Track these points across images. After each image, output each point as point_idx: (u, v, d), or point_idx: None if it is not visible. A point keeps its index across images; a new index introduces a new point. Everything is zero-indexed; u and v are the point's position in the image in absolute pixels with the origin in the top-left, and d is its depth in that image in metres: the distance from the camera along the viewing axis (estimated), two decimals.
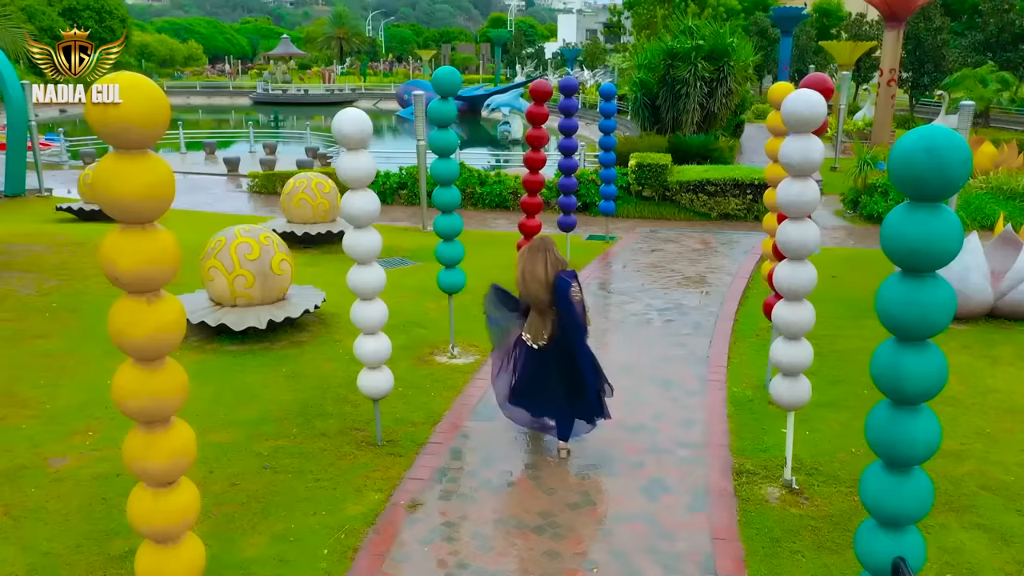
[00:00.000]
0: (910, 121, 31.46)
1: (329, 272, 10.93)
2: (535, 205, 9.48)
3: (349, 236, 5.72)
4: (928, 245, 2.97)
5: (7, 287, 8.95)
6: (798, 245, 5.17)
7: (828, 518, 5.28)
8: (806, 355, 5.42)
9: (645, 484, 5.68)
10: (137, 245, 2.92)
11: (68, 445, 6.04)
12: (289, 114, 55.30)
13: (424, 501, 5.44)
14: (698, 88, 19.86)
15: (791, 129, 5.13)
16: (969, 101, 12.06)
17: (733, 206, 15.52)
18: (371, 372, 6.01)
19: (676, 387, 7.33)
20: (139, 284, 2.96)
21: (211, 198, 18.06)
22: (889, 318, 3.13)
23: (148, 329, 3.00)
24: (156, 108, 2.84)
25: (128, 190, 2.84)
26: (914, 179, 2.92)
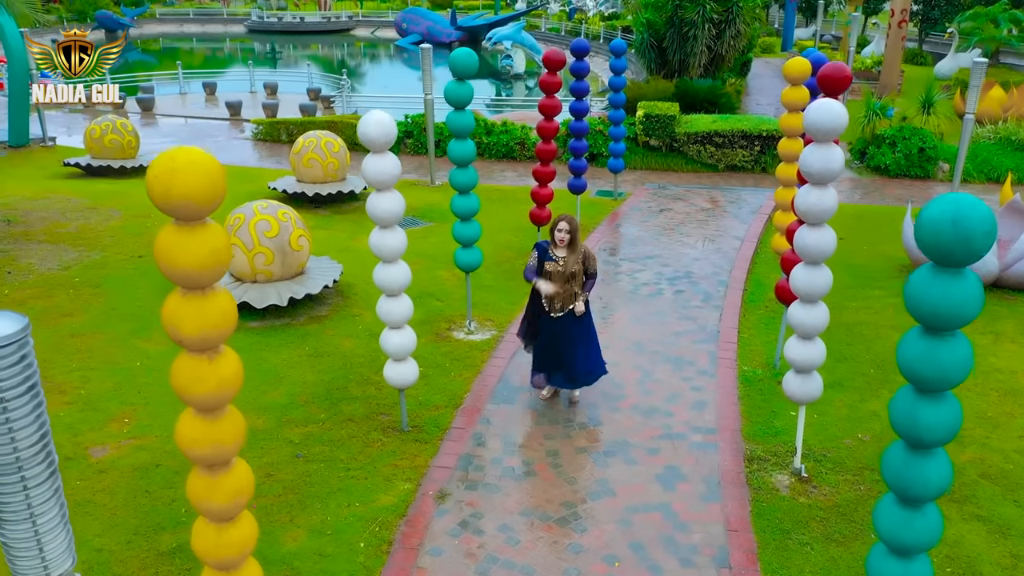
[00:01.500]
0: (919, 56, 30.99)
1: (341, 236, 11.05)
2: (547, 190, 9.57)
3: (375, 236, 5.82)
4: (950, 309, 3.12)
5: (29, 260, 9.09)
6: (815, 251, 5.31)
7: (835, 508, 5.57)
8: (819, 354, 5.61)
9: (661, 472, 5.96)
10: (199, 310, 3.07)
11: (106, 433, 6.28)
12: (285, 43, 54.26)
13: (451, 491, 5.71)
14: (706, 30, 19.54)
15: (813, 138, 5.20)
16: (982, 59, 11.95)
17: (740, 158, 15.51)
18: (397, 364, 6.21)
19: (688, 366, 7.55)
20: (202, 345, 3.12)
21: (215, 146, 17.96)
22: (910, 372, 3.30)
23: (210, 386, 3.17)
24: (214, 183, 2.94)
25: (190, 261, 2.97)
26: (940, 248, 3.06)
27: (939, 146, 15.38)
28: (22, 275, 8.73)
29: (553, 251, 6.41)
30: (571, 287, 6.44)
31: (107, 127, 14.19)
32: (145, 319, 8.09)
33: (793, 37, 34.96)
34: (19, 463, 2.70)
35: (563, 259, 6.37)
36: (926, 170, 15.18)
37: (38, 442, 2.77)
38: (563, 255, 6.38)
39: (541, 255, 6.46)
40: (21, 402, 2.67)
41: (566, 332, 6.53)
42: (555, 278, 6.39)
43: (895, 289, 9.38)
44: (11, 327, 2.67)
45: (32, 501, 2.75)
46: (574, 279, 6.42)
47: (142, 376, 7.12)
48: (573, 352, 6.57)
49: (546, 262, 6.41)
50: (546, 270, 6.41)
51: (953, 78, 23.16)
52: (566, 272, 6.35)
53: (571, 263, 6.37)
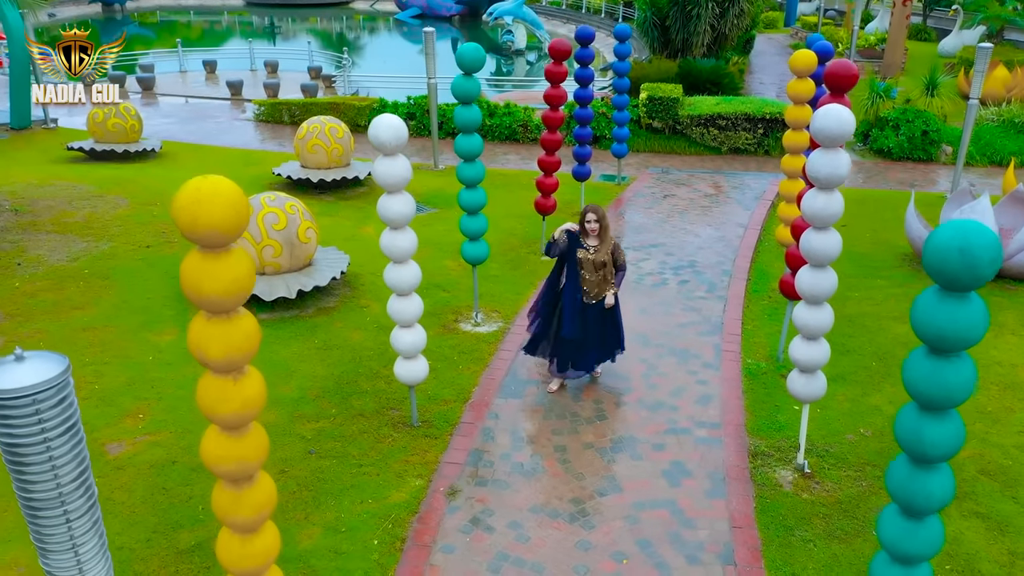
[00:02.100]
0: (923, 32, 30.78)
1: (347, 224, 11.10)
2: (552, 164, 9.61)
3: (386, 237, 5.89)
4: (956, 332, 3.20)
5: (38, 252, 9.15)
6: (821, 254, 5.38)
7: (838, 504, 5.70)
8: (823, 354, 5.71)
9: (667, 468, 6.09)
10: (224, 333, 3.15)
11: (121, 429, 6.39)
12: (283, 16, 53.77)
13: (461, 488, 5.84)
14: (709, 9, 19.44)
15: (820, 143, 5.25)
16: (987, 44, 11.92)
17: (743, 140, 15.51)
18: (407, 361, 6.31)
19: (693, 359, 7.66)
20: (228, 367, 3.21)
21: (217, 128, 17.94)
22: (915, 390, 3.39)
23: (235, 406, 3.26)
24: (238, 213, 3.01)
25: (216, 288, 3.05)
26: (947, 274, 3.13)
27: (942, 128, 15.38)
28: (32, 267, 8.80)
29: (584, 240, 6.69)
30: (602, 275, 6.74)
31: (110, 111, 14.16)
32: (155, 312, 8.17)
33: (796, 12, 34.68)
34: (61, 497, 2.79)
35: (594, 247, 6.67)
36: (929, 153, 15.19)
37: (78, 477, 2.87)
38: (594, 244, 6.68)
39: (572, 242, 6.72)
40: (62, 440, 2.76)
41: (594, 321, 6.82)
42: (586, 266, 6.69)
43: (898, 279, 9.46)
44: (53, 370, 2.74)
45: (74, 533, 2.85)
46: (604, 268, 6.72)
47: (155, 370, 7.22)
48: (596, 339, 6.88)
49: (578, 249, 6.69)
50: (577, 257, 6.70)
51: (957, 56, 23.04)
52: (596, 260, 6.66)
53: (602, 252, 6.69)
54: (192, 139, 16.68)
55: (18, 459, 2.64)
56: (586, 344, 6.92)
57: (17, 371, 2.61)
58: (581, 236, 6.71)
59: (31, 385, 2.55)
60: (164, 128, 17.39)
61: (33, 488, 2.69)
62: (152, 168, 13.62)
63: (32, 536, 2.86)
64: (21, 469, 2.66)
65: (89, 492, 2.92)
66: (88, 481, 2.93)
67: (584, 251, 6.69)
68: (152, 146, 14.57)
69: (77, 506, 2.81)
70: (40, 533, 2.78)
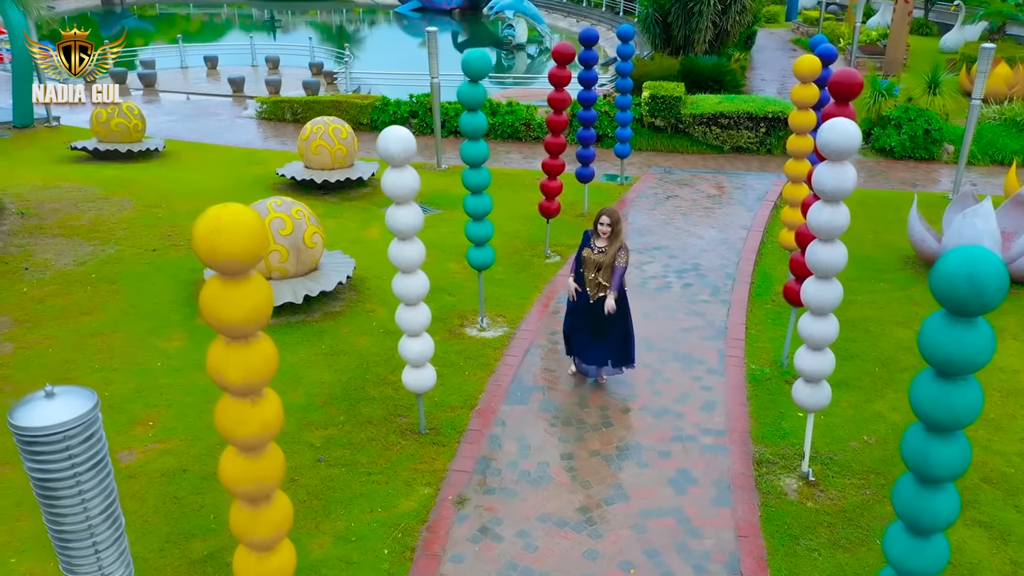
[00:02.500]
0: (924, 26, 30.72)
1: (351, 226, 11.13)
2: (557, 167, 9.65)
3: (394, 248, 5.93)
4: (963, 356, 3.26)
5: (45, 256, 9.19)
6: (827, 266, 5.44)
7: (842, 513, 5.76)
8: (829, 364, 5.76)
9: (673, 475, 6.15)
10: (243, 358, 3.20)
11: (131, 437, 6.45)
12: (283, 8, 53.66)
13: (470, 496, 5.90)
14: (711, 6, 19.41)
15: (826, 157, 5.29)
16: (990, 45, 11.94)
17: (746, 139, 15.53)
18: (415, 369, 6.36)
19: (697, 364, 7.71)
20: (246, 391, 3.26)
21: (219, 125, 17.95)
22: (922, 412, 3.45)
23: (253, 428, 3.31)
24: (257, 241, 3.06)
25: (235, 315, 3.10)
26: (954, 300, 3.18)
27: (944, 127, 15.40)
28: (40, 271, 8.84)
29: (594, 240, 6.89)
30: (601, 276, 6.90)
31: (113, 110, 14.17)
32: (163, 317, 8.22)
33: (798, 6, 34.62)
34: (90, 529, 2.85)
35: (600, 249, 6.85)
36: (931, 152, 15.22)
37: (106, 509, 2.92)
38: (601, 245, 6.85)
39: (584, 241, 6.94)
40: (91, 475, 2.81)
41: (597, 318, 6.98)
42: (587, 265, 6.90)
43: (900, 282, 9.51)
44: (82, 406, 2.79)
45: (103, 563, 2.91)
46: (603, 270, 6.87)
47: (163, 377, 7.27)
48: (601, 337, 7.03)
49: (585, 247, 6.92)
50: (582, 255, 6.92)
51: (959, 52, 23.03)
52: (598, 261, 6.84)
53: (608, 255, 6.83)
54: (195, 137, 16.69)
55: (49, 494, 2.70)
56: (590, 339, 7.11)
57: (48, 408, 2.66)
58: (592, 236, 6.91)
59: (62, 423, 2.61)
60: (167, 126, 17.39)
61: (63, 521, 2.75)
62: (156, 168, 13.64)
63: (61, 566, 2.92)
64: (52, 503, 2.72)
65: (117, 523, 2.98)
66: (116, 512, 2.99)
67: (589, 250, 6.92)
68: (155, 145, 14.59)
69: (105, 537, 2.87)
70: (69, 563, 2.84)
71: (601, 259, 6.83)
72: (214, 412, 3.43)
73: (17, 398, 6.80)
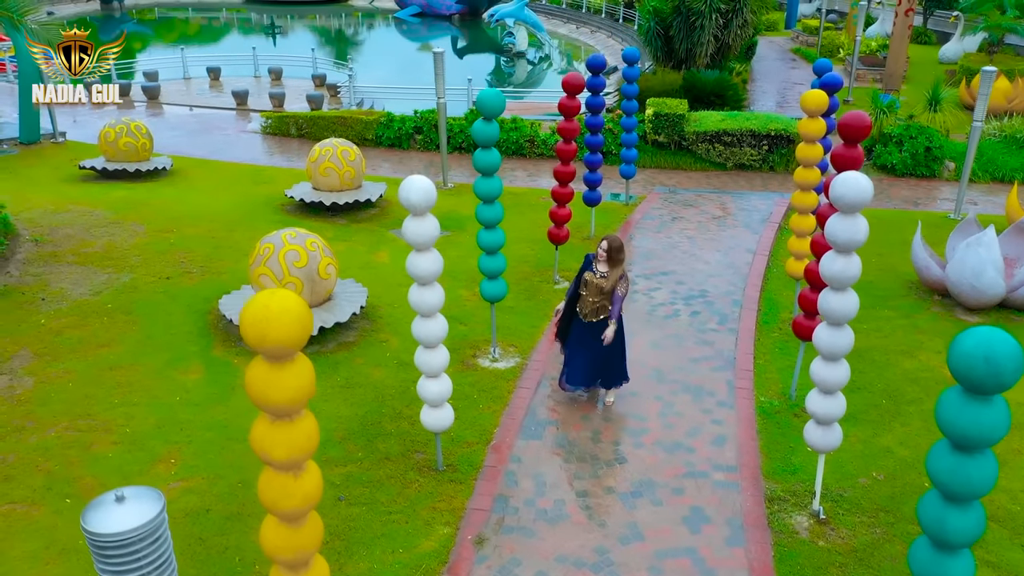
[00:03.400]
0: (923, 35, 30.89)
1: (361, 250, 11.24)
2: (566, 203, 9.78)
3: (414, 293, 6.05)
4: (979, 432, 3.39)
5: (61, 285, 9.29)
6: (840, 315, 5.57)
7: (853, 552, 5.89)
8: (840, 407, 5.90)
9: (687, 514, 6.28)
10: (287, 436, 3.32)
11: (154, 476, 6.56)
12: (282, 13, 53.74)
13: (488, 536, 6.02)
14: (713, 20, 19.54)
15: (839, 209, 5.41)
16: (991, 68, 12.08)
17: (748, 156, 15.67)
18: (434, 409, 6.48)
19: (707, 396, 7.84)
20: (290, 466, 3.38)
21: (224, 141, 18.04)
22: (939, 482, 3.58)
23: (296, 501, 3.43)
24: (304, 327, 3.18)
25: (281, 397, 3.21)
26: (972, 380, 3.31)
27: (945, 145, 15.55)
28: (56, 302, 8.94)
29: (596, 264, 7.15)
30: (601, 301, 7.16)
31: (121, 129, 14.27)
32: (180, 348, 8.33)
33: (797, 14, 34.78)
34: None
35: (603, 273, 7.10)
36: (932, 169, 15.37)
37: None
38: (604, 270, 7.13)
39: (586, 264, 7.28)
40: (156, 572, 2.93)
41: (593, 338, 7.24)
42: (589, 288, 7.16)
43: (905, 310, 9.64)
44: (150, 511, 2.91)
45: None
46: (604, 295, 7.13)
47: (182, 412, 7.39)
48: (596, 356, 7.32)
49: (587, 271, 7.18)
50: (584, 278, 7.22)
51: (959, 64, 23.18)
52: (602, 286, 7.09)
53: (609, 281, 7.10)
54: (201, 153, 16.79)
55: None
56: (581, 359, 7.38)
57: (117, 513, 2.78)
58: (594, 260, 7.21)
59: (132, 529, 2.72)
60: (172, 141, 17.47)
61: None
62: (165, 188, 13.75)
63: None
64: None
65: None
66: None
67: (591, 274, 7.21)
68: (163, 164, 14.69)
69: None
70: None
71: (602, 283, 7.13)
72: (258, 484, 3.54)
73: (39, 434, 6.93)
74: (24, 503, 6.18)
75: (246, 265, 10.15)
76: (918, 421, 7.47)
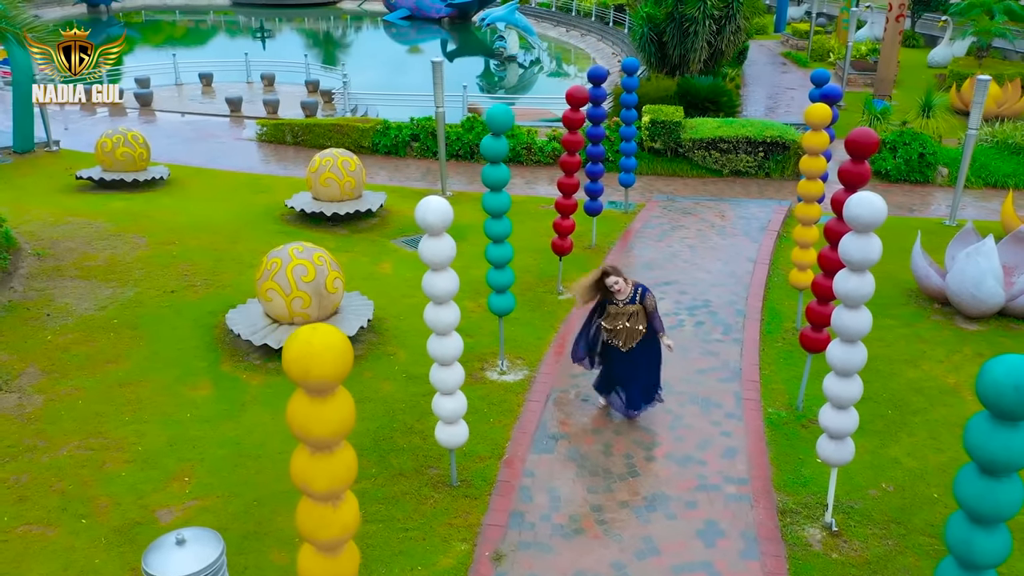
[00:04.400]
0: (911, 39, 31.16)
1: (364, 260, 11.26)
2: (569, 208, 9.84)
3: (430, 312, 6.09)
4: (1008, 458, 3.46)
5: (65, 300, 9.26)
6: (853, 332, 5.64)
7: (867, 565, 5.97)
8: (853, 421, 5.98)
9: (701, 527, 6.34)
10: (328, 467, 3.35)
11: (169, 494, 6.56)
12: (271, 16, 53.59)
13: (506, 552, 6.06)
14: (707, 27, 19.67)
15: (853, 229, 5.48)
16: (985, 77, 12.23)
17: (744, 163, 15.78)
18: (448, 426, 6.51)
19: (715, 408, 7.91)
20: (329, 497, 3.41)
21: (220, 148, 18.00)
22: (967, 506, 3.65)
23: (335, 531, 3.46)
24: (346, 362, 3.22)
25: (324, 430, 3.25)
26: (1000, 407, 3.39)
27: (939, 151, 15.72)
28: (61, 317, 8.92)
29: (615, 299, 7.24)
30: (634, 324, 7.26)
31: (118, 139, 14.22)
32: (188, 364, 8.33)
33: (786, 17, 35.01)
34: None
35: (625, 300, 7.23)
36: (926, 175, 15.53)
37: None
38: (625, 297, 7.25)
39: (597, 311, 7.42)
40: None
41: (633, 364, 7.38)
42: (617, 319, 7.25)
43: (906, 318, 9.75)
44: (210, 554, 2.93)
45: None
46: (636, 317, 7.23)
47: (194, 429, 7.38)
48: (635, 380, 7.45)
49: (609, 305, 7.29)
50: (609, 312, 7.30)
51: (948, 68, 23.42)
52: (631, 311, 7.21)
53: (635, 299, 7.22)
54: (197, 162, 16.74)
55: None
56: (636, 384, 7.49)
57: (178, 556, 2.80)
58: (612, 296, 7.23)
59: (194, 573, 2.75)
60: (168, 149, 17.40)
61: None
62: (163, 199, 13.71)
63: None
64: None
65: None
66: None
67: (614, 307, 7.31)
68: (160, 174, 14.65)
69: None
70: None
71: (631, 308, 7.22)
72: (296, 514, 3.57)
73: (51, 453, 6.92)
74: (40, 524, 6.17)
75: (250, 278, 10.17)
76: (924, 432, 7.56)
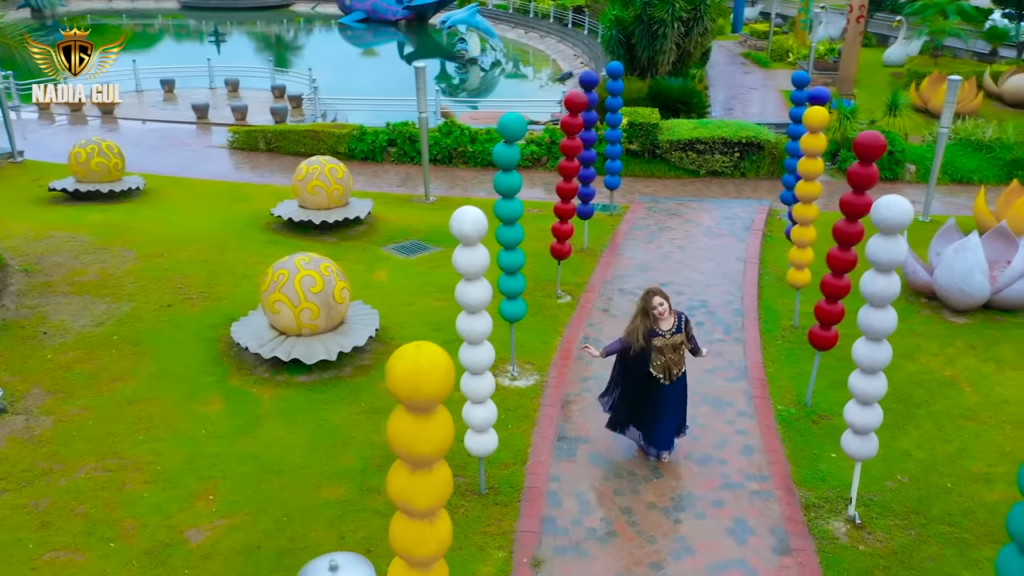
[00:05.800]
0: (865, 38, 31.98)
1: (357, 268, 11.17)
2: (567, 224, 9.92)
3: (463, 321, 6.11)
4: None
5: (60, 317, 9.03)
6: (880, 330, 5.85)
7: (893, 555, 6.15)
8: (878, 417, 6.17)
9: (730, 525, 6.46)
10: (429, 486, 3.37)
11: (196, 513, 6.46)
12: (221, 19, 52.67)
13: (543, 558, 6.10)
14: (675, 28, 19.95)
15: (880, 231, 5.66)
16: (956, 77, 12.66)
17: (720, 164, 16.06)
18: (478, 434, 6.53)
19: (727, 407, 8.06)
20: (429, 514, 3.42)
21: (191, 156, 17.68)
22: None
23: (432, 548, 3.48)
24: (452, 380, 3.24)
25: (428, 448, 3.26)
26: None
27: (907, 148, 16.19)
28: (59, 335, 8.69)
29: (656, 326, 6.76)
30: (679, 355, 6.86)
31: (92, 149, 13.88)
32: (196, 379, 8.19)
33: (743, 18, 35.65)
34: None
35: (672, 329, 6.77)
36: (895, 172, 15.99)
37: None
38: (669, 326, 6.78)
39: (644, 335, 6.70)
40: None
41: (671, 399, 6.95)
42: (664, 352, 6.77)
43: (898, 313, 10.00)
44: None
45: None
46: (681, 348, 6.86)
47: (211, 445, 7.27)
48: (668, 418, 6.99)
49: (653, 338, 6.74)
50: (655, 345, 6.74)
51: (904, 67, 24.11)
52: (677, 343, 6.79)
53: (680, 328, 6.81)
54: (170, 171, 16.43)
55: None
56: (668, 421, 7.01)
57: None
58: (652, 323, 6.74)
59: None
60: (136, 157, 16.99)
61: None
62: (143, 210, 13.43)
63: None
64: None
65: None
66: None
67: (661, 338, 6.74)
68: (136, 184, 14.35)
69: None
70: None
71: (677, 339, 6.80)
72: (389, 531, 3.57)
73: (68, 476, 6.76)
74: (67, 550, 6.02)
75: (245, 289, 10.05)
76: (929, 423, 7.81)
